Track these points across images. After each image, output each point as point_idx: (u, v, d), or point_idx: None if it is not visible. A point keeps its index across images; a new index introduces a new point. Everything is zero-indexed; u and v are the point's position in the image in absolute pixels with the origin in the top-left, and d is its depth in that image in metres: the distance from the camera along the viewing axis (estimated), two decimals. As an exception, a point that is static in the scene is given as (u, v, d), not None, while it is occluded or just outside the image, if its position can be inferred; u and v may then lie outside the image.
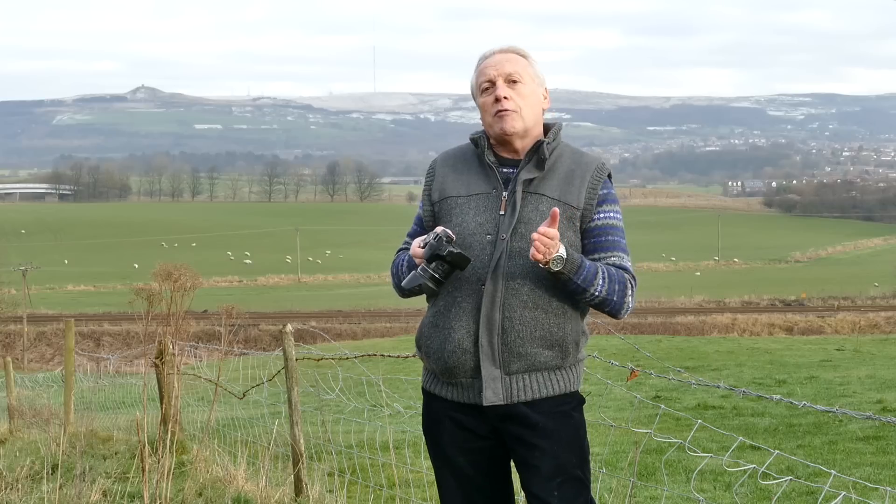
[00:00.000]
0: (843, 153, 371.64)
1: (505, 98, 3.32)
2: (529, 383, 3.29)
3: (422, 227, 3.51)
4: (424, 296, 3.42)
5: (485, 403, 3.28)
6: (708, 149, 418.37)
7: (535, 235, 3.14)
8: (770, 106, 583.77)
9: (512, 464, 3.49)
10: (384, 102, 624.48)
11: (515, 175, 3.33)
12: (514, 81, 3.35)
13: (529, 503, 3.35)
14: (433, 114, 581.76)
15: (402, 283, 3.35)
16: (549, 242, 3.14)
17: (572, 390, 3.37)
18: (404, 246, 3.55)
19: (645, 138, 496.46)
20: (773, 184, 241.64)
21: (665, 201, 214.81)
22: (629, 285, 3.30)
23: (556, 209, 3.18)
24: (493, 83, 3.36)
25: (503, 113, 3.32)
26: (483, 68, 3.40)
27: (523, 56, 3.42)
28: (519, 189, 3.30)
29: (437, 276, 3.24)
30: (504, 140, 3.36)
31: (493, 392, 3.27)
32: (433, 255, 3.23)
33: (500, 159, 3.38)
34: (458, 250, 3.22)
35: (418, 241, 3.34)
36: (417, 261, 3.31)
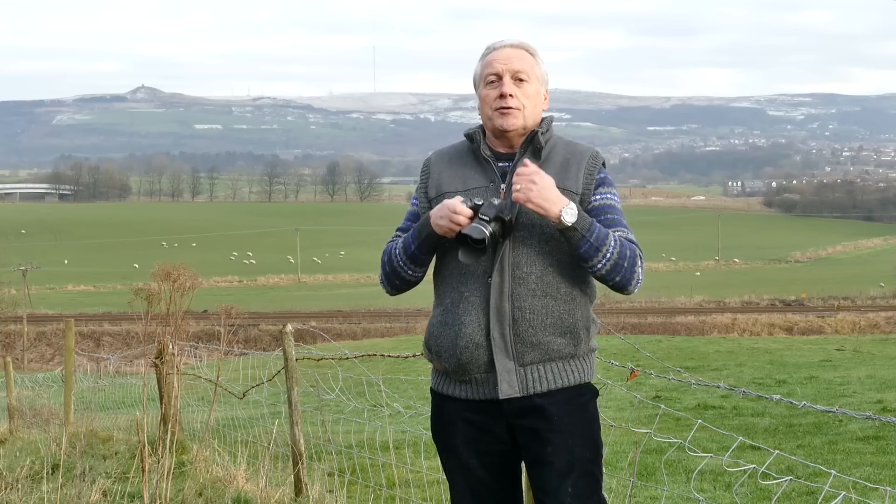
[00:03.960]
0: (843, 153, 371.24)
1: (510, 96, 3.29)
2: (545, 374, 3.25)
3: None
4: (423, 293, 3.37)
5: (501, 397, 3.24)
6: (708, 149, 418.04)
7: (517, 173, 3.17)
8: (770, 106, 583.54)
9: (522, 467, 3.45)
10: (384, 102, 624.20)
11: (513, 166, 3.31)
12: (521, 80, 3.33)
13: (540, 501, 3.29)
14: (433, 114, 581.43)
15: (463, 230, 3.15)
16: (527, 176, 3.15)
17: (587, 381, 3.35)
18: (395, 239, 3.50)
19: (645, 138, 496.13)
20: (773, 184, 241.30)
21: (665, 201, 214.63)
22: (638, 256, 3.25)
23: (527, 159, 3.22)
24: (499, 77, 3.33)
25: (506, 111, 3.30)
26: (491, 60, 3.36)
27: (532, 54, 3.39)
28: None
29: (496, 233, 3.16)
30: (501, 134, 3.35)
31: (509, 384, 3.24)
32: (497, 217, 3.15)
33: (495, 154, 3.37)
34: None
35: (460, 198, 3.21)
36: (462, 220, 3.16)
